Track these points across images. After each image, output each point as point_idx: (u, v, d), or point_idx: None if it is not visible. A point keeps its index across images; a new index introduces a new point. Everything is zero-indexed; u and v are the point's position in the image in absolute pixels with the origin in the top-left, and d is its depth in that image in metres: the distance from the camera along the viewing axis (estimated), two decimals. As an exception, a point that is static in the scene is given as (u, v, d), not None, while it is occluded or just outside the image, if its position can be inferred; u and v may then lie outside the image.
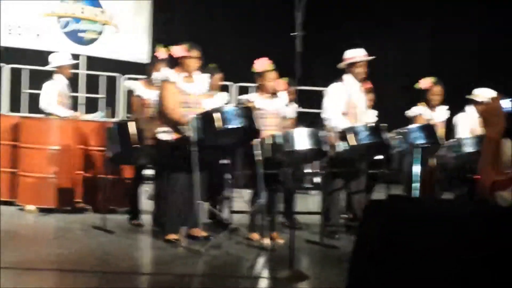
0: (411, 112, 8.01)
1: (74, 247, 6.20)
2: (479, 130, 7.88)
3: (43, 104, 8.65)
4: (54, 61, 8.85)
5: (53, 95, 8.61)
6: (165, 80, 6.49)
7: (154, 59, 7.49)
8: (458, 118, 8.09)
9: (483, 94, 8.03)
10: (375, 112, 8.15)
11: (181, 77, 6.52)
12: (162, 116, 6.50)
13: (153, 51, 7.62)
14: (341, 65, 7.40)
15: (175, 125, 6.39)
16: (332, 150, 6.82)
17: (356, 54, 7.34)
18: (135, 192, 7.58)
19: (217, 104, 7.04)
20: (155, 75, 6.66)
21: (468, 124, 7.99)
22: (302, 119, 7.65)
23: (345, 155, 6.92)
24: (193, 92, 6.55)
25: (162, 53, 7.36)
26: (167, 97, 6.45)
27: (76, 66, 10.11)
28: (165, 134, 6.46)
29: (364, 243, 3.10)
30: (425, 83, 7.88)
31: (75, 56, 10.24)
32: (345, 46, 7.46)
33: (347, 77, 7.32)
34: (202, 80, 6.72)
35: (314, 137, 6.57)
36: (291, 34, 5.72)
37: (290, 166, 6.62)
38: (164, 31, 11.88)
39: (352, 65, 7.29)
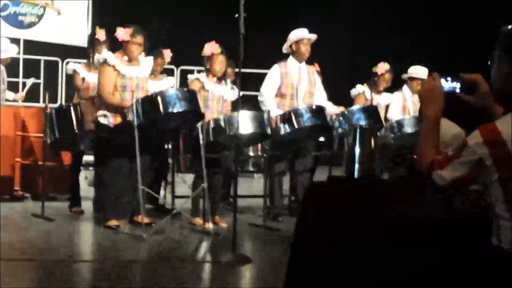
0: (355, 90, 8.09)
1: (13, 236, 6.06)
2: (414, 109, 8.01)
3: None
4: None
5: None
6: (103, 63, 6.37)
7: (94, 41, 7.32)
8: (393, 97, 8.20)
9: (418, 72, 8.14)
10: (325, 95, 8.15)
11: (122, 60, 6.42)
12: (100, 100, 6.41)
13: (93, 33, 7.45)
14: (285, 46, 7.40)
15: (114, 109, 6.30)
16: (275, 133, 6.83)
17: (299, 34, 7.34)
18: (75, 178, 7.45)
19: (163, 88, 6.99)
20: (97, 57, 6.54)
21: (401, 103, 8.12)
22: (244, 102, 7.58)
23: (288, 137, 6.94)
24: (135, 75, 6.45)
25: (102, 35, 7.24)
26: (104, 81, 6.36)
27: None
28: (104, 118, 6.37)
29: (305, 225, 3.11)
30: (381, 68, 7.97)
31: (15, 40, 9.98)
32: (291, 26, 7.45)
33: (290, 59, 7.34)
34: (147, 63, 6.63)
35: (257, 120, 6.56)
36: (235, 15, 5.64)
37: (233, 149, 6.60)
38: (104, 13, 11.66)
39: (295, 45, 7.30)
